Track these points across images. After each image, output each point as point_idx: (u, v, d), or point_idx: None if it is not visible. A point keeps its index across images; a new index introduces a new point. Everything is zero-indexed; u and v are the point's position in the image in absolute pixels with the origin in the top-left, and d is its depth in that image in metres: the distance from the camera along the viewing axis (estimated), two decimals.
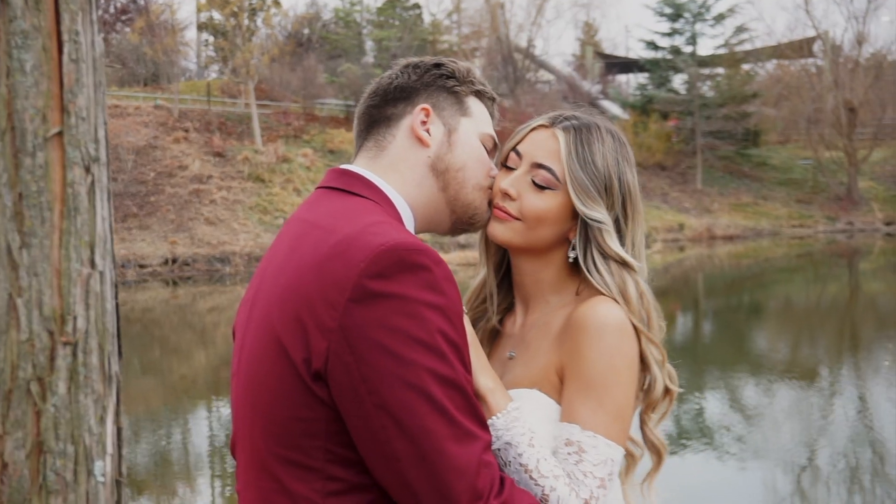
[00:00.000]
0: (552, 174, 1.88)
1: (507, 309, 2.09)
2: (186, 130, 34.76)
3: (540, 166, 1.89)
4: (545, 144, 1.90)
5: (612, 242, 1.87)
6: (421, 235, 1.80)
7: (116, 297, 1.78)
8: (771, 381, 12.51)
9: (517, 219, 1.89)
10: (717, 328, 18.84)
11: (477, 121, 1.86)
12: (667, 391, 1.90)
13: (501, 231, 1.90)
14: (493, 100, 1.94)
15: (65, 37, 1.70)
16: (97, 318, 1.73)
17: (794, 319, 19.62)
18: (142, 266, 27.10)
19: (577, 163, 1.87)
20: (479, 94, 1.90)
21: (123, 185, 30.07)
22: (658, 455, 1.97)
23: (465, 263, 28.55)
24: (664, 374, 1.89)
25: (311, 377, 1.52)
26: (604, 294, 1.86)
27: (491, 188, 1.90)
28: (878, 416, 10.32)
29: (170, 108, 36.03)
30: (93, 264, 1.72)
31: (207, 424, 10.98)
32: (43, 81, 1.69)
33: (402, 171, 1.77)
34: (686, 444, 9.27)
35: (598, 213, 1.86)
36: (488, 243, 2.04)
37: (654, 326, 1.89)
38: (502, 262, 2.07)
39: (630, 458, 1.99)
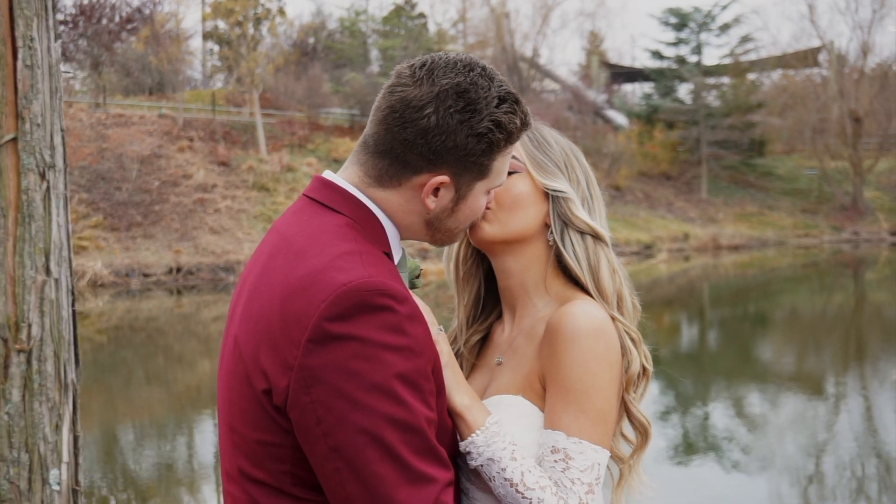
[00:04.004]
0: (514, 158, 1.93)
1: (498, 317, 2.10)
2: (191, 139, 34.81)
3: None
4: None
5: (580, 212, 1.94)
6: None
7: (73, 305, 1.76)
8: (777, 391, 12.46)
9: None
10: (723, 338, 18.78)
11: (493, 177, 1.73)
12: (644, 370, 1.93)
13: (483, 228, 1.92)
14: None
15: (19, 43, 1.68)
16: (52, 325, 1.72)
17: (799, 329, 19.55)
18: (146, 275, 27.10)
19: (531, 145, 1.97)
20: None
21: (128, 193, 30.11)
22: (644, 433, 1.97)
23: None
24: (640, 353, 1.92)
25: (273, 409, 1.53)
26: (576, 275, 1.92)
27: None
28: (883, 426, 10.27)
29: (174, 118, 36.10)
30: (48, 271, 1.71)
31: (212, 433, 10.96)
32: None
33: (394, 208, 1.69)
34: (692, 454, 9.24)
35: (559, 183, 1.95)
36: (464, 278, 2.10)
37: (626, 304, 1.95)
38: (479, 290, 2.11)
39: (621, 463, 1.99)
